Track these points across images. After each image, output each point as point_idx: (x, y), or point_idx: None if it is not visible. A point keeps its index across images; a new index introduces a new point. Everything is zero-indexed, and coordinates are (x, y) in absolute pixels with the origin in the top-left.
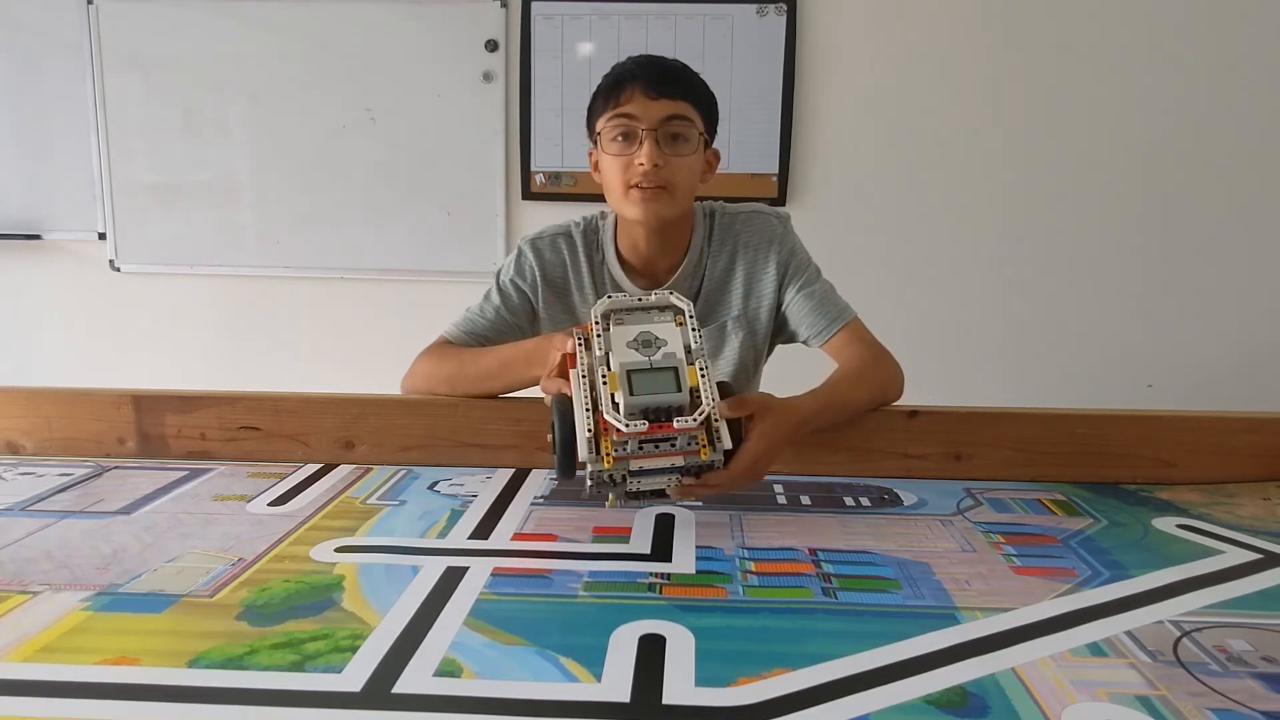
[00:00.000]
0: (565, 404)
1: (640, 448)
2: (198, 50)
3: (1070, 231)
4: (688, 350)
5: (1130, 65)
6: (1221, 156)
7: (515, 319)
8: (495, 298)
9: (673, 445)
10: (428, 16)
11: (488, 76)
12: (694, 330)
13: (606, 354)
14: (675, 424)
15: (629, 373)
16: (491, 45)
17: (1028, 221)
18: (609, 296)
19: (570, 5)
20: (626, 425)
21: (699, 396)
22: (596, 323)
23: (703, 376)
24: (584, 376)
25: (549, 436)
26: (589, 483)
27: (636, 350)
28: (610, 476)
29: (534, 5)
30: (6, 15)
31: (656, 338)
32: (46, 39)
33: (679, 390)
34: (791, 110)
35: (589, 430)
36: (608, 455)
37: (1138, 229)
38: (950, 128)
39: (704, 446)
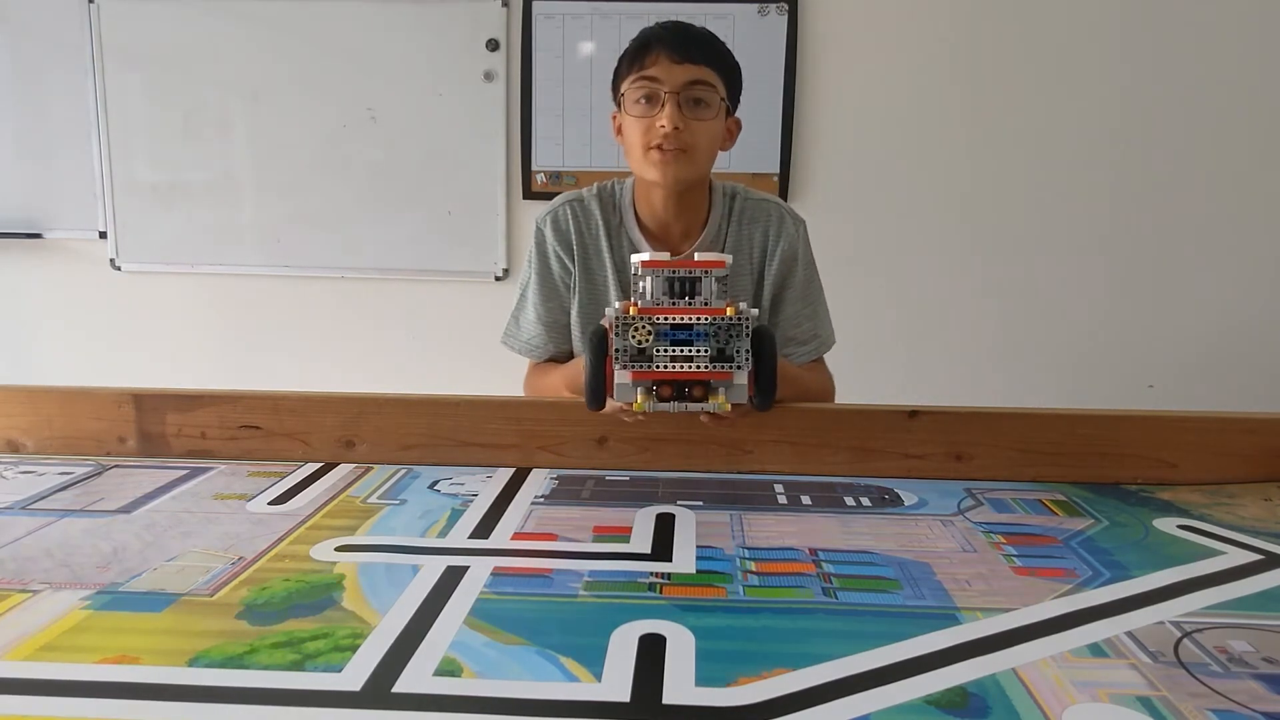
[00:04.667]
0: (598, 336)
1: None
2: (199, 49)
3: (1071, 230)
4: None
5: (1133, 64)
6: (1224, 156)
7: (559, 305)
8: (530, 299)
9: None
10: (428, 15)
11: (489, 76)
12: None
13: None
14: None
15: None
16: (492, 44)
17: (1028, 221)
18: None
19: (571, 4)
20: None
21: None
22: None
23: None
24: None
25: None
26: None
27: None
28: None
29: (535, 4)
30: (7, 14)
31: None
32: (48, 38)
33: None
34: (792, 110)
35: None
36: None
37: (1140, 228)
38: (951, 127)
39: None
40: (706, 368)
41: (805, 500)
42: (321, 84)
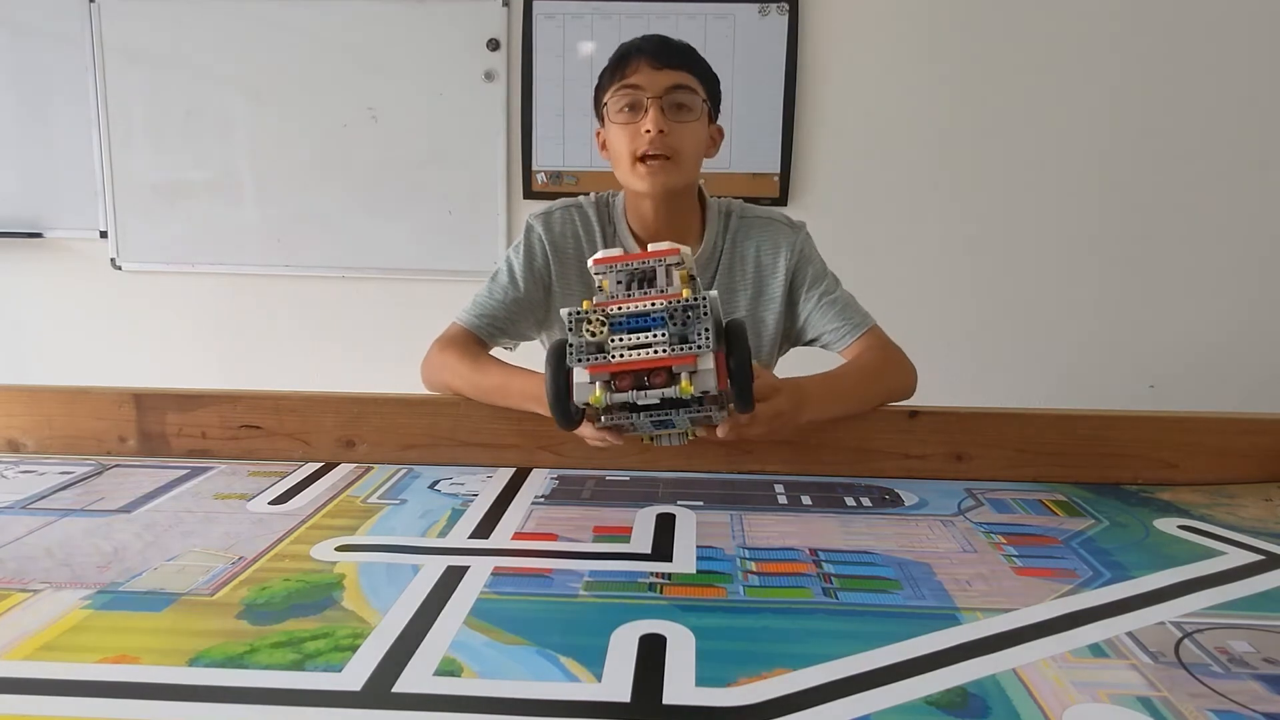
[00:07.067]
0: (557, 349)
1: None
2: (200, 48)
3: (1072, 231)
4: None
5: (1134, 64)
6: (1225, 156)
7: (529, 299)
8: (504, 278)
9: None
10: (429, 15)
11: (489, 75)
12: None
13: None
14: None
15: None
16: (493, 44)
17: (1028, 221)
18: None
19: (572, 4)
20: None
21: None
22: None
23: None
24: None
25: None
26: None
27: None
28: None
29: (535, 4)
30: (9, 12)
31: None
32: (48, 36)
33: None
34: (793, 110)
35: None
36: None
37: (1140, 228)
38: (951, 127)
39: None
40: (666, 352)
41: (805, 500)
42: (321, 84)
